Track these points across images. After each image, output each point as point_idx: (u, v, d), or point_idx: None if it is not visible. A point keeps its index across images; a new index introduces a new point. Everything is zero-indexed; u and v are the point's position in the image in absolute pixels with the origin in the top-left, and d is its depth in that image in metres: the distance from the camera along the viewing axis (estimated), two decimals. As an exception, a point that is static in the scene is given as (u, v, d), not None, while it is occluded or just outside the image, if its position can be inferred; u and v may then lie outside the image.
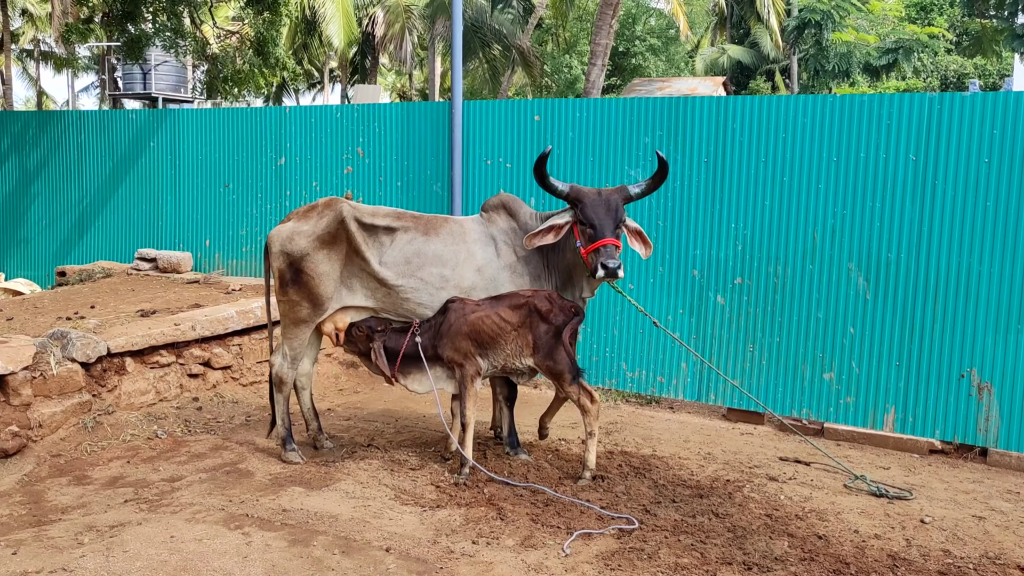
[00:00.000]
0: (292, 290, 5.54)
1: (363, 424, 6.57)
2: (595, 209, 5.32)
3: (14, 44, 38.48)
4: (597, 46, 19.91)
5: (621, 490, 5.24)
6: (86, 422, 5.88)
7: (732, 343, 6.81)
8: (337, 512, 4.79)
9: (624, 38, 42.79)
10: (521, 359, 5.39)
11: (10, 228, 10.86)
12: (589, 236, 5.29)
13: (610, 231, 5.26)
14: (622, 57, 42.55)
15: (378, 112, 8.27)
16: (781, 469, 5.80)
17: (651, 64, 42.96)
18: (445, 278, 5.57)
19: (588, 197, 5.37)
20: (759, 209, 6.63)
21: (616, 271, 5.14)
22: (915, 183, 6.11)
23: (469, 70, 32.81)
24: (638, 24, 43.12)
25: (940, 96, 6.01)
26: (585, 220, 5.31)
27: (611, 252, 5.18)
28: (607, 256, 5.17)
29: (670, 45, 44.93)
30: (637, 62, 42.24)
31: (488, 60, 29.07)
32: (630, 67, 41.60)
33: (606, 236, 5.23)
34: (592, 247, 5.25)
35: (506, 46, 29.83)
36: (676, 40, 44.06)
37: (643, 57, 42.49)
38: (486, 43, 28.71)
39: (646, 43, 42.81)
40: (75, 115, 10.31)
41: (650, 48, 42.99)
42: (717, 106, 6.72)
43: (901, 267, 6.19)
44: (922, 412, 6.21)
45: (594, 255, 5.24)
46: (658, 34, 44.01)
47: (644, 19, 43.64)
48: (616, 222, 5.32)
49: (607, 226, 5.27)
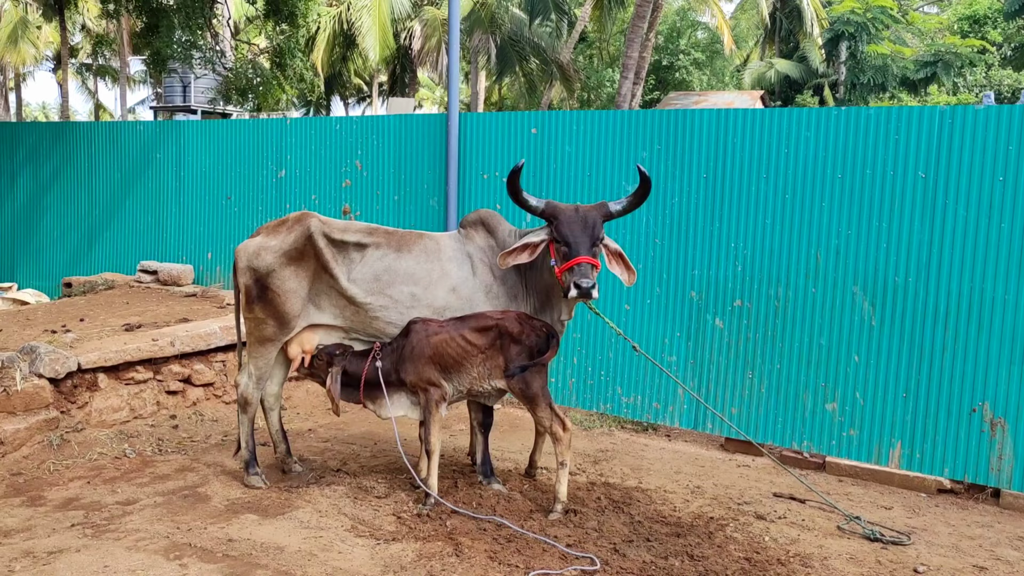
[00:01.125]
0: (258, 307, 5.33)
1: (340, 447, 6.33)
2: (570, 226, 5.02)
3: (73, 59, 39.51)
4: (629, 59, 19.62)
5: (593, 526, 4.91)
6: (52, 440, 5.74)
7: (730, 369, 6.44)
8: (285, 543, 4.54)
9: (668, 52, 42.37)
10: (489, 381, 5.10)
11: (24, 238, 10.90)
12: (564, 254, 5.00)
13: (586, 249, 4.96)
14: (666, 71, 42.11)
15: (376, 124, 8.07)
16: (772, 507, 5.42)
17: (695, 78, 42.47)
18: (416, 297, 5.32)
19: (564, 214, 5.08)
20: (760, 228, 6.27)
21: (590, 291, 4.84)
22: (924, 202, 5.70)
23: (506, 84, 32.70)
24: (682, 38, 42.68)
25: (952, 109, 5.61)
26: (560, 237, 5.02)
27: (585, 271, 4.88)
28: (580, 275, 4.86)
29: (715, 59, 44.39)
30: (681, 76, 41.78)
31: (525, 74, 28.87)
32: (674, 81, 41.16)
33: (581, 254, 4.93)
34: (566, 266, 4.95)
35: (544, 60, 29.61)
36: (721, 54, 43.54)
37: (687, 71, 42.03)
38: (524, 56, 28.52)
39: (690, 57, 42.35)
40: (85, 127, 10.31)
41: (694, 62, 42.52)
42: (717, 119, 6.38)
43: (909, 291, 5.78)
44: (930, 448, 5.77)
45: (568, 274, 4.94)
46: (703, 48, 43.52)
47: (689, 33, 43.21)
48: (593, 240, 5.01)
49: (583, 244, 4.97)
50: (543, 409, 5.05)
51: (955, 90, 26.67)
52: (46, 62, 44.32)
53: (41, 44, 40.42)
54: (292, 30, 11.90)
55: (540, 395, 5.04)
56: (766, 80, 36.16)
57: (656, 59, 41.58)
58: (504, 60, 28.35)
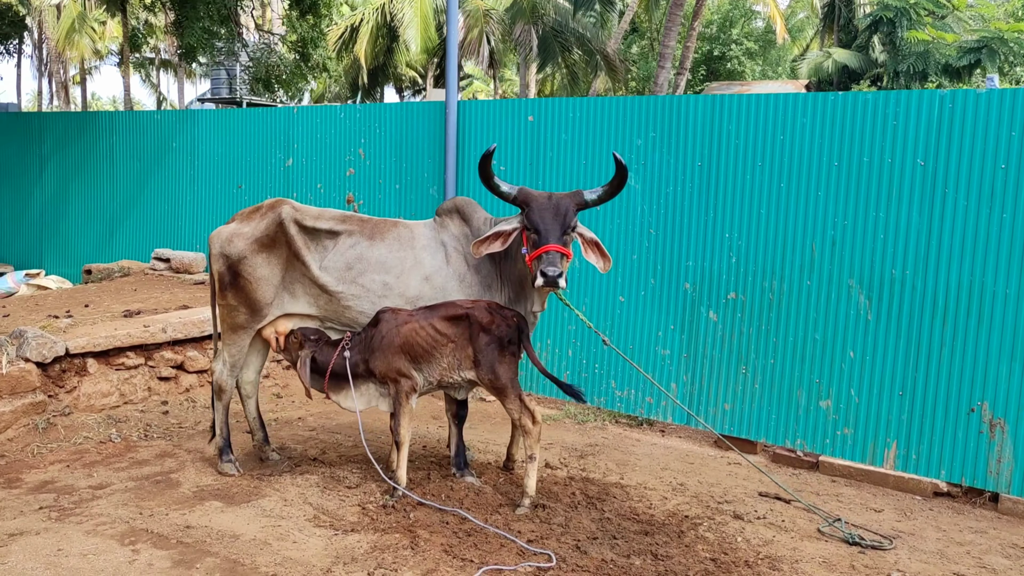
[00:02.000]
0: (230, 294, 5.31)
1: (324, 436, 6.30)
2: (541, 213, 4.89)
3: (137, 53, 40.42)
4: (666, 48, 19.29)
5: (560, 522, 4.78)
6: (38, 423, 5.80)
7: (724, 364, 6.24)
8: (242, 532, 4.51)
9: (719, 42, 41.69)
10: (459, 372, 5.01)
11: (51, 226, 11.13)
12: (534, 242, 4.88)
13: (555, 237, 4.82)
14: (717, 62, 41.46)
15: (378, 113, 8.02)
16: (754, 506, 5.23)
17: (747, 69, 41.69)
18: (388, 286, 5.24)
19: (536, 201, 4.95)
20: (754, 218, 6.05)
21: (556, 280, 4.70)
22: (923, 191, 5.43)
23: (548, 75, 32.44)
24: (735, 28, 41.94)
25: (952, 94, 5.33)
26: (530, 225, 4.90)
27: (553, 259, 4.74)
28: (548, 263, 4.73)
29: (769, 49, 43.51)
30: (732, 67, 41.07)
31: (568, 65, 28.61)
32: (725, 72, 40.49)
33: (550, 242, 4.80)
34: (535, 253, 4.83)
35: (589, 51, 29.29)
36: (774, 44, 42.65)
37: (738, 62, 41.29)
38: (567, 47, 28.25)
39: (742, 47, 41.58)
40: (107, 116, 10.47)
41: (746, 52, 41.74)
42: (711, 105, 6.17)
43: (907, 285, 5.52)
44: (926, 449, 5.51)
45: (536, 262, 4.82)
46: (756, 38, 42.68)
47: (742, 23, 42.43)
48: (564, 228, 4.87)
49: (552, 231, 4.84)
50: (512, 401, 4.93)
51: (1019, 77, 25.56)
52: (111, 56, 45.31)
53: (106, 38, 41.35)
54: (315, 20, 11.91)
55: (509, 387, 4.92)
56: (823, 70, 35.19)
57: (707, 49, 40.94)
58: (546, 51, 28.11)
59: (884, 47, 24.06)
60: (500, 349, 4.90)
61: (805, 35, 44.33)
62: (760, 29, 43.04)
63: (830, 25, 38.90)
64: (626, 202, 6.56)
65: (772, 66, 44.69)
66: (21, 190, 11.44)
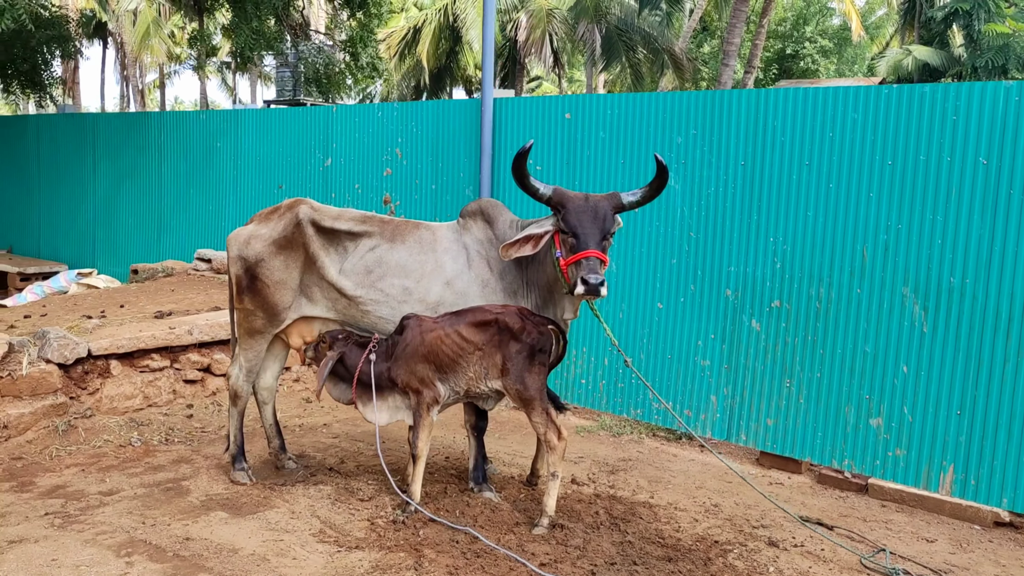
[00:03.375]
0: (247, 297, 5.15)
1: (346, 444, 6.10)
2: (579, 216, 4.60)
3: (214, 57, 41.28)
4: (730, 45, 18.75)
5: (578, 544, 4.48)
6: (59, 425, 5.74)
7: (767, 376, 5.85)
8: (242, 546, 4.33)
9: (793, 40, 40.63)
10: (487, 382, 4.74)
11: (104, 226, 11.25)
12: (571, 246, 4.58)
13: (595, 242, 4.53)
14: (790, 60, 40.44)
15: (415, 111, 7.82)
16: (792, 532, 4.84)
17: (822, 67, 40.53)
18: (408, 291, 5.01)
19: (573, 202, 4.65)
20: (801, 220, 5.65)
21: (598, 288, 4.40)
22: (986, 192, 4.97)
23: (617, 76, 31.95)
24: (808, 25, 40.81)
25: (1018, 85, 4.85)
26: (567, 228, 4.60)
27: (594, 266, 4.45)
28: (588, 270, 4.44)
29: (845, 47, 42.23)
30: (806, 65, 39.98)
31: (632, 64, 28.12)
32: (799, 71, 39.43)
33: (590, 247, 4.50)
34: (573, 259, 4.54)
35: (654, 49, 28.76)
36: (850, 41, 41.37)
37: (812, 60, 40.16)
38: (631, 47, 27.78)
39: (816, 45, 40.45)
40: (156, 116, 10.52)
41: (820, 50, 40.58)
42: (756, 100, 5.79)
43: (966, 294, 5.06)
44: (987, 474, 5.04)
45: (574, 268, 4.53)
46: (831, 35, 41.46)
47: (816, 19, 41.28)
48: (603, 232, 4.58)
49: (591, 236, 4.54)
50: (539, 414, 4.64)
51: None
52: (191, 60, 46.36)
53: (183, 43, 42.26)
54: (367, 19, 11.79)
55: (537, 398, 4.64)
56: (903, 68, 33.81)
57: (780, 47, 39.92)
58: (610, 51, 27.69)
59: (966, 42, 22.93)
60: (530, 358, 4.61)
61: (885, 32, 42.83)
62: (836, 26, 41.79)
63: (910, 21, 37.42)
64: (666, 203, 6.21)
65: (848, 64, 43.33)
66: (77, 190, 11.61)
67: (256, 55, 12.09)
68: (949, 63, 31.75)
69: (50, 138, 11.98)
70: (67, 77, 39.39)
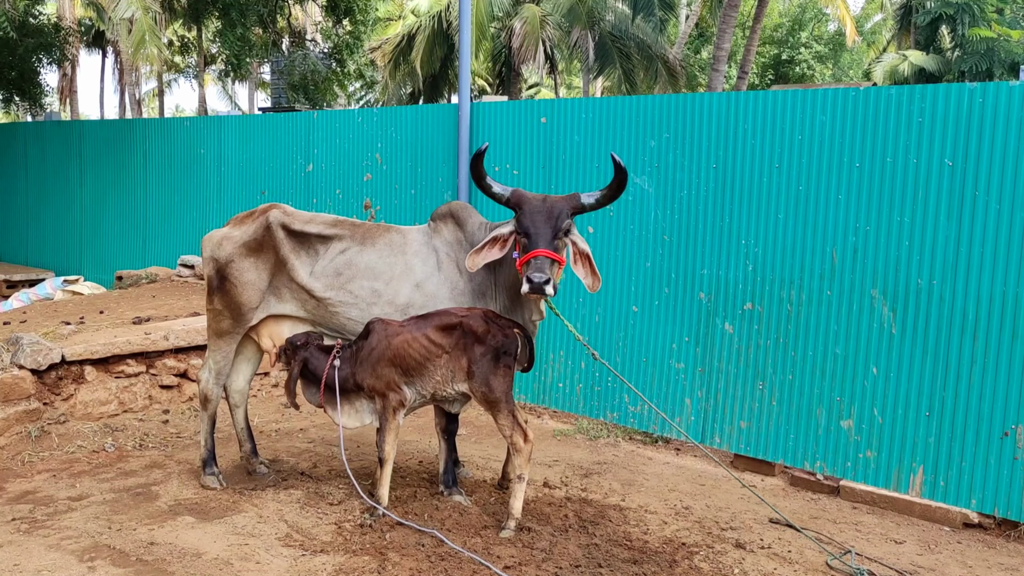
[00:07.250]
0: (216, 297, 5.17)
1: (321, 448, 6.10)
2: (532, 216, 4.62)
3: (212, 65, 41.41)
4: (720, 51, 18.78)
5: (544, 546, 4.47)
6: (31, 431, 5.74)
7: (740, 379, 5.85)
8: (207, 550, 4.33)
9: (788, 46, 40.66)
10: (453, 385, 4.74)
11: (90, 232, 11.27)
12: (523, 246, 4.61)
13: (545, 241, 4.55)
14: (786, 66, 40.46)
15: (395, 117, 7.84)
16: (760, 534, 4.83)
17: (817, 72, 40.55)
18: (377, 293, 5.03)
19: (528, 203, 4.68)
20: (772, 223, 5.66)
21: (542, 287, 4.42)
22: (951, 193, 4.98)
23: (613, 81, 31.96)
24: (804, 31, 40.84)
25: (982, 87, 4.87)
26: (521, 228, 4.64)
27: (540, 265, 4.46)
28: (535, 269, 4.46)
29: (840, 52, 42.25)
30: (801, 71, 39.99)
31: (625, 71, 28.15)
32: (794, 76, 39.46)
33: (539, 246, 4.52)
34: (524, 258, 4.56)
35: (648, 56, 28.78)
36: (844, 47, 41.41)
37: (807, 65, 40.17)
38: (625, 54, 27.82)
39: (811, 51, 40.47)
40: (141, 123, 10.54)
41: (816, 56, 40.61)
42: (727, 103, 5.80)
43: (934, 295, 5.06)
44: (956, 476, 5.04)
45: (524, 268, 4.55)
46: (826, 41, 41.49)
47: (812, 25, 41.32)
48: (555, 232, 4.59)
49: (543, 236, 4.56)
50: (505, 416, 4.65)
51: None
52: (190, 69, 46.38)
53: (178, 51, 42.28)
54: (353, 27, 11.81)
55: (503, 401, 4.64)
56: (899, 74, 33.83)
57: (775, 53, 39.95)
58: (604, 57, 27.72)
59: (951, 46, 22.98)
60: (495, 361, 4.62)
61: (881, 38, 42.85)
62: (831, 32, 41.85)
63: (906, 27, 37.48)
64: (640, 207, 6.23)
65: (844, 70, 43.36)
66: (63, 197, 11.63)
67: (244, 62, 12.09)
68: (944, 68, 31.81)
69: (38, 146, 12.01)
70: (63, 85, 39.42)
